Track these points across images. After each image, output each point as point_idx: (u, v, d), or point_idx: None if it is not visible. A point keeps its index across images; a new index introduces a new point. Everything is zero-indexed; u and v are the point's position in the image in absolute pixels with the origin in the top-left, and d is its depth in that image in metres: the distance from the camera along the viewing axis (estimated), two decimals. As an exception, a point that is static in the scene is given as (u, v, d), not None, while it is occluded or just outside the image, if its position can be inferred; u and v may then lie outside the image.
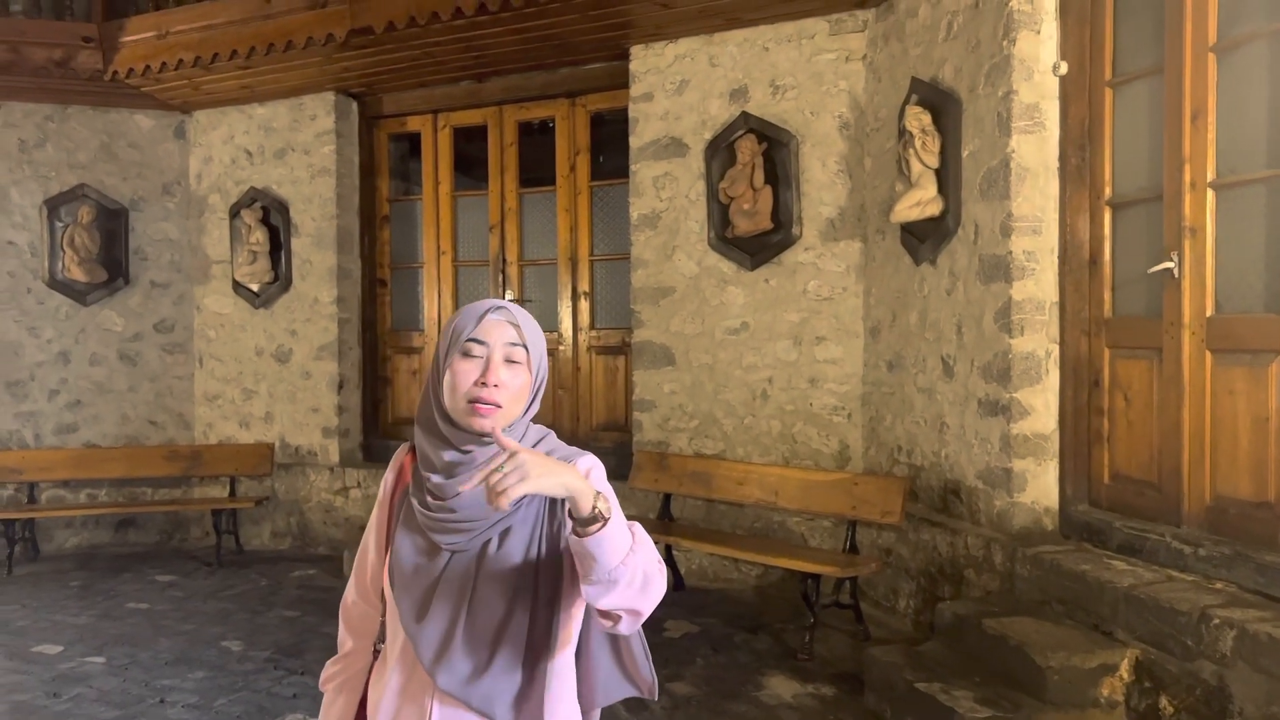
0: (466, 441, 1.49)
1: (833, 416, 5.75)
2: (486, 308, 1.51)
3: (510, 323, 1.50)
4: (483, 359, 1.48)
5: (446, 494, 1.47)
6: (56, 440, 7.50)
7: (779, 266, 5.84)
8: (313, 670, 4.52)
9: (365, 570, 1.70)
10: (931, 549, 4.75)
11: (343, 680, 1.73)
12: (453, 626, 1.46)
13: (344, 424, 7.32)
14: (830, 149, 5.71)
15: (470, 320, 1.50)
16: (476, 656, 1.46)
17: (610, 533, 1.32)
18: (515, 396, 1.49)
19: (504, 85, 6.97)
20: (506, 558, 1.48)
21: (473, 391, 1.46)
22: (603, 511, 1.32)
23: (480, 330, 1.49)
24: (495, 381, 1.46)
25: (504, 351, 1.48)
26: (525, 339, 1.51)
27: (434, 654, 1.46)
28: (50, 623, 5.43)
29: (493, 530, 1.48)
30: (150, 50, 6.63)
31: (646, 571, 1.38)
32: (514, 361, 1.49)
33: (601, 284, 6.93)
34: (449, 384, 1.49)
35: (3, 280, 7.39)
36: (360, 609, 1.72)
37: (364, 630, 1.72)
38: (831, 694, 4.15)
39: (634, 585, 1.36)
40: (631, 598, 1.37)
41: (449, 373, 1.49)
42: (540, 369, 1.54)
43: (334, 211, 7.24)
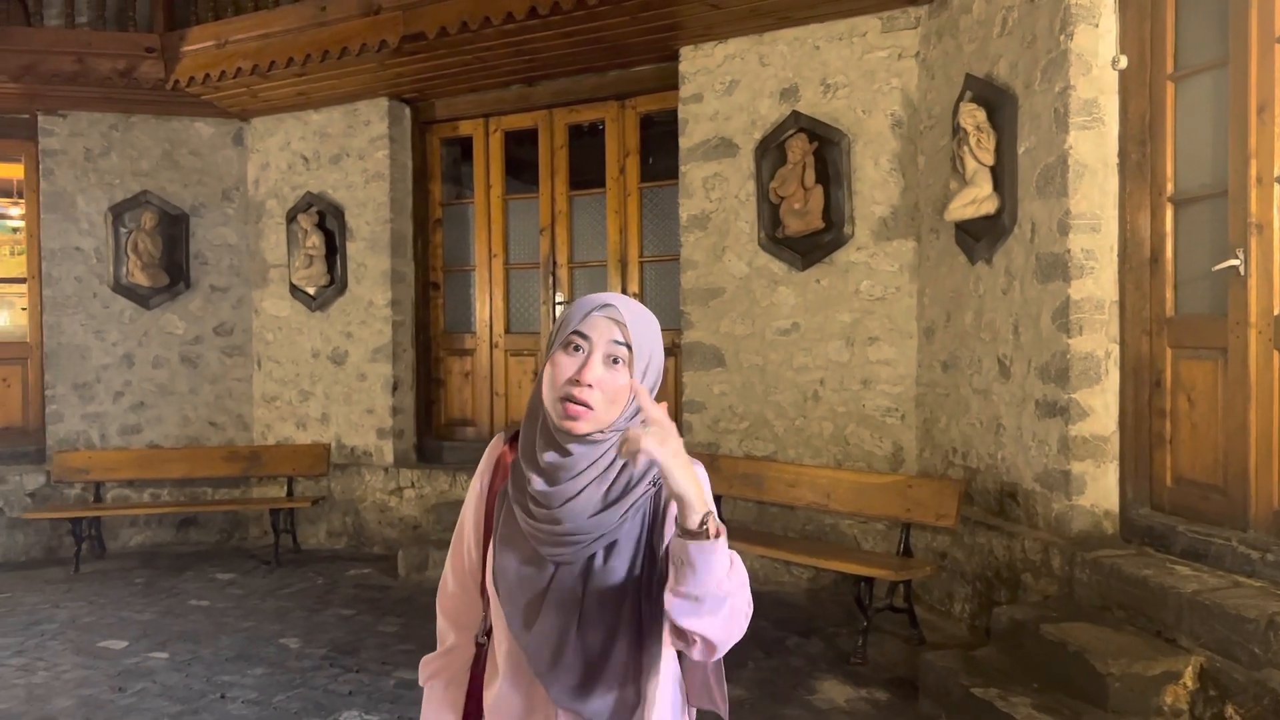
0: (568, 440, 1.42)
1: (886, 418, 5.69)
2: (598, 302, 1.45)
3: (616, 320, 1.43)
4: (583, 355, 1.42)
5: (550, 504, 1.41)
6: (121, 441, 7.70)
7: (830, 266, 5.79)
8: (368, 668, 4.59)
9: (463, 560, 1.65)
10: (987, 552, 4.67)
11: (449, 676, 1.69)
12: (563, 639, 1.42)
13: (398, 425, 7.42)
14: (883, 147, 5.65)
15: (578, 313, 1.45)
16: (588, 672, 1.42)
17: (714, 553, 1.27)
18: (611, 399, 1.41)
19: (554, 89, 7.01)
20: (613, 572, 1.43)
21: (566, 388, 1.40)
22: (710, 530, 1.27)
23: (585, 324, 1.43)
24: (590, 380, 1.40)
25: (605, 349, 1.41)
26: (630, 338, 1.42)
27: (546, 665, 1.43)
28: (116, 619, 5.57)
29: (598, 544, 1.42)
30: (210, 59, 6.78)
31: (735, 605, 1.33)
32: (615, 361, 1.42)
33: (651, 285, 6.94)
34: (548, 376, 1.44)
35: (70, 285, 7.60)
36: (460, 599, 1.67)
37: (465, 622, 1.67)
38: (885, 699, 4.10)
39: (719, 613, 1.31)
40: (713, 625, 1.32)
41: (549, 364, 1.44)
42: (651, 367, 1.46)
43: (388, 215, 7.34)
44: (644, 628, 1.44)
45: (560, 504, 1.40)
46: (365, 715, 3.99)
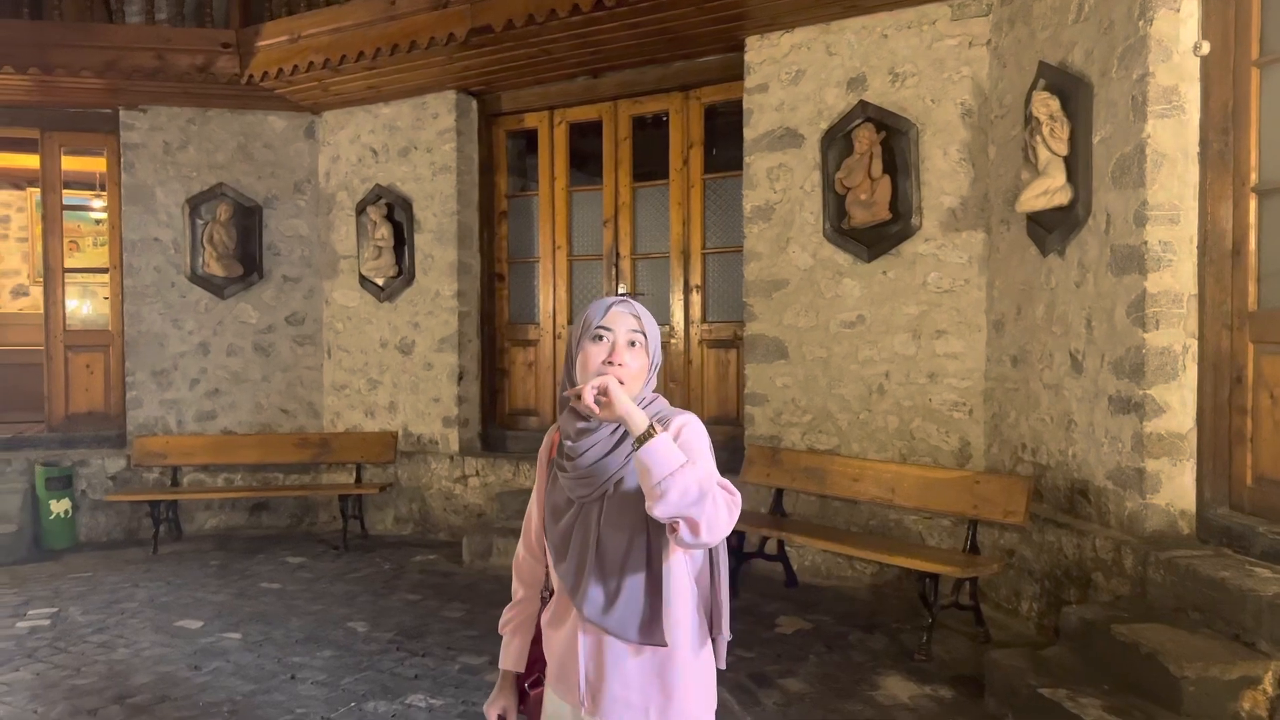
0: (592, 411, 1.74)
1: (953, 413, 5.60)
2: (613, 301, 1.83)
3: (632, 314, 1.81)
4: (609, 342, 1.78)
5: (575, 454, 1.77)
6: (197, 427, 7.93)
7: (897, 258, 5.71)
8: (433, 653, 4.67)
9: (530, 530, 2.05)
10: (1057, 551, 4.58)
11: (517, 624, 2.09)
12: (583, 562, 1.78)
13: (463, 414, 7.52)
14: (952, 137, 5.56)
15: (599, 311, 1.81)
16: (607, 587, 1.76)
17: (658, 446, 1.58)
18: (635, 375, 1.78)
19: (618, 80, 7.02)
20: (622, 501, 1.76)
21: (601, 368, 1.75)
22: (650, 431, 1.60)
23: (607, 319, 1.80)
24: (620, 360, 1.76)
25: (627, 336, 1.79)
26: (644, 328, 1.81)
27: (573, 586, 1.79)
28: (192, 599, 5.75)
29: (609, 482, 1.77)
30: (283, 54, 6.93)
31: (703, 488, 1.59)
32: (634, 345, 1.79)
33: (714, 277, 6.92)
34: (581, 363, 1.79)
35: (149, 275, 7.84)
36: (529, 563, 2.07)
37: (532, 580, 2.07)
38: (950, 696, 4.05)
39: (687, 496, 1.57)
40: (685, 507, 1.57)
41: (581, 354, 1.80)
42: (655, 353, 1.84)
43: (455, 208, 7.43)
44: (653, 549, 1.76)
45: (581, 454, 1.76)
46: (430, 699, 4.06)
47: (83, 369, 8.07)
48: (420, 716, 3.88)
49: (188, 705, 4.03)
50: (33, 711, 3.99)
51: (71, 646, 4.86)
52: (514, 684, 2.10)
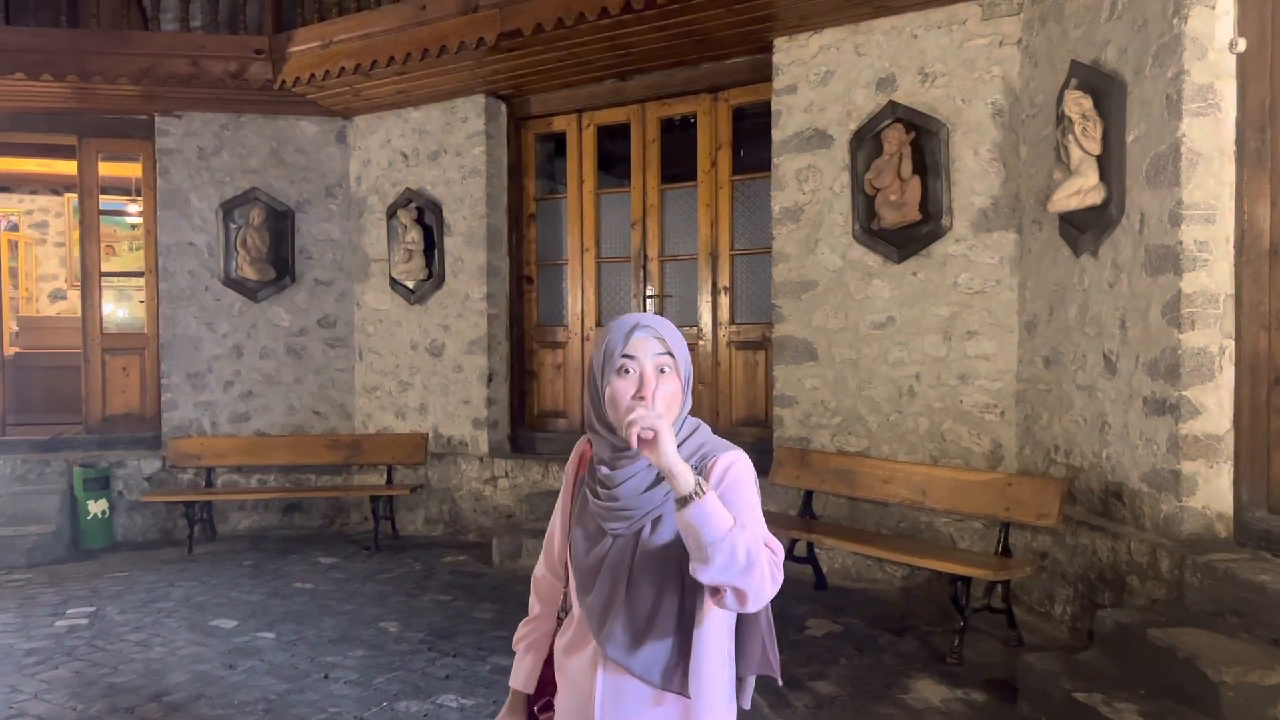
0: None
1: (984, 414, 5.56)
2: (631, 325, 1.66)
3: (654, 336, 1.65)
4: (636, 374, 1.63)
5: (612, 484, 1.65)
6: (231, 428, 8.03)
7: (928, 259, 5.68)
8: (464, 653, 4.70)
9: (552, 548, 1.92)
10: (1091, 554, 4.53)
11: (530, 641, 1.97)
12: (612, 601, 1.65)
13: (493, 416, 7.56)
14: (983, 137, 5.52)
15: (619, 340, 1.65)
16: (635, 628, 1.63)
17: (704, 509, 1.46)
18: (669, 402, 1.63)
19: (646, 83, 7.03)
20: (658, 542, 1.64)
21: (632, 405, 1.61)
22: (696, 492, 1.47)
23: (630, 347, 1.64)
24: (648, 394, 1.61)
25: (654, 363, 1.63)
26: (671, 348, 1.66)
27: (598, 624, 1.66)
28: (226, 599, 5.82)
29: (646, 518, 1.65)
30: (315, 59, 7.00)
31: (751, 555, 1.48)
32: (664, 370, 1.64)
33: (742, 279, 6.91)
34: (610, 400, 1.64)
35: (184, 279, 7.95)
36: (548, 581, 1.94)
37: (550, 598, 1.94)
38: (982, 700, 4.02)
39: (734, 564, 1.47)
40: (732, 575, 1.48)
41: (608, 391, 1.64)
42: (686, 371, 1.69)
43: (484, 211, 7.48)
44: (687, 594, 1.64)
45: (618, 485, 1.64)
46: (461, 699, 4.09)
47: (119, 371, 8.19)
48: (452, 716, 3.91)
49: (223, 704, 4.08)
50: (72, 709, 4.06)
51: (109, 645, 4.94)
52: (524, 705, 1.97)
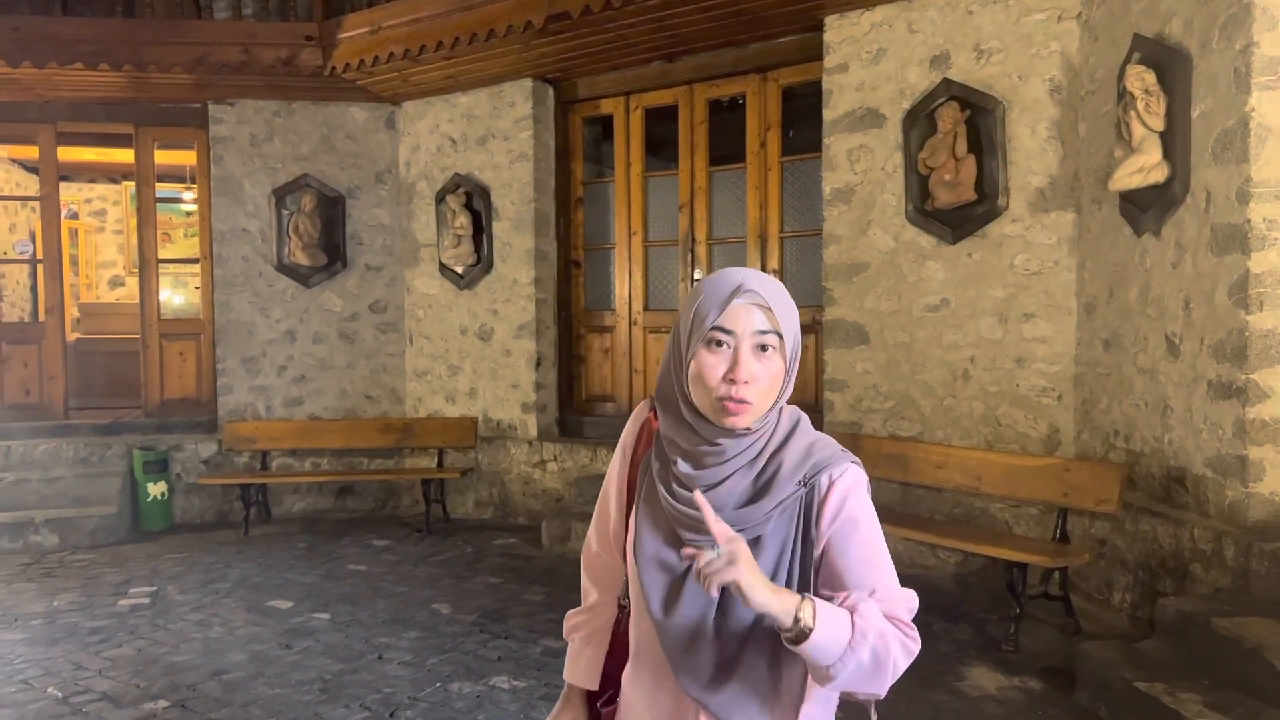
0: (715, 434, 1.37)
1: (1041, 398, 5.45)
2: (732, 289, 1.34)
3: (760, 306, 1.34)
4: (730, 350, 1.33)
5: (694, 484, 1.37)
6: (285, 412, 8.15)
7: (983, 239, 5.57)
8: (515, 635, 4.73)
9: (607, 522, 1.64)
10: (1152, 540, 4.43)
11: (589, 632, 1.70)
12: (699, 629, 1.36)
13: (541, 400, 7.58)
14: (1040, 114, 5.39)
15: (714, 305, 1.34)
16: (721, 663, 1.36)
17: (819, 641, 1.21)
18: (767, 390, 1.34)
19: (694, 64, 6.97)
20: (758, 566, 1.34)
21: (721, 388, 1.33)
22: (805, 626, 1.21)
23: (727, 318, 1.33)
24: (746, 379, 1.32)
25: (754, 340, 1.33)
26: (778, 324, 1.34)
27: (679, 651, 1.37)
28: (282, 580, 5.92)
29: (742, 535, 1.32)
30: (364, 45, 7.04)
31: (878, 655, 1.25)
32: (765, 349, 1.34)
33: (791, 261, 6.84)
34: (694, 375, 1.35)
35: (238, 265, 8.07)
36: (603, 560, 1.67)
37: (607, 582, 1.67)
38: (1039, 689, 3.95)
39: (861, 674, 1.25)
40: (858, 684, 1.27)
41: (694, 364, 1.35)
42: (794, 351, 1.38)
43: (532, 195, 7.48)
44: None
45: (705, 490, 1.35)
46: (513, 681, 4.12)
47: (176, 356, 8.35)
48: (504, 698, 3.93)
49: (280, 683, 4.15)
50: (135, 685, 4.15)
51: (170, 624, 5.05)
52: (583, 700, 1.71)
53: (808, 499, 1.37)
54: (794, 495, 1.36)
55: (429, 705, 3.87)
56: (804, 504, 1.37)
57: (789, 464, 1.37)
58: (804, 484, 1.37)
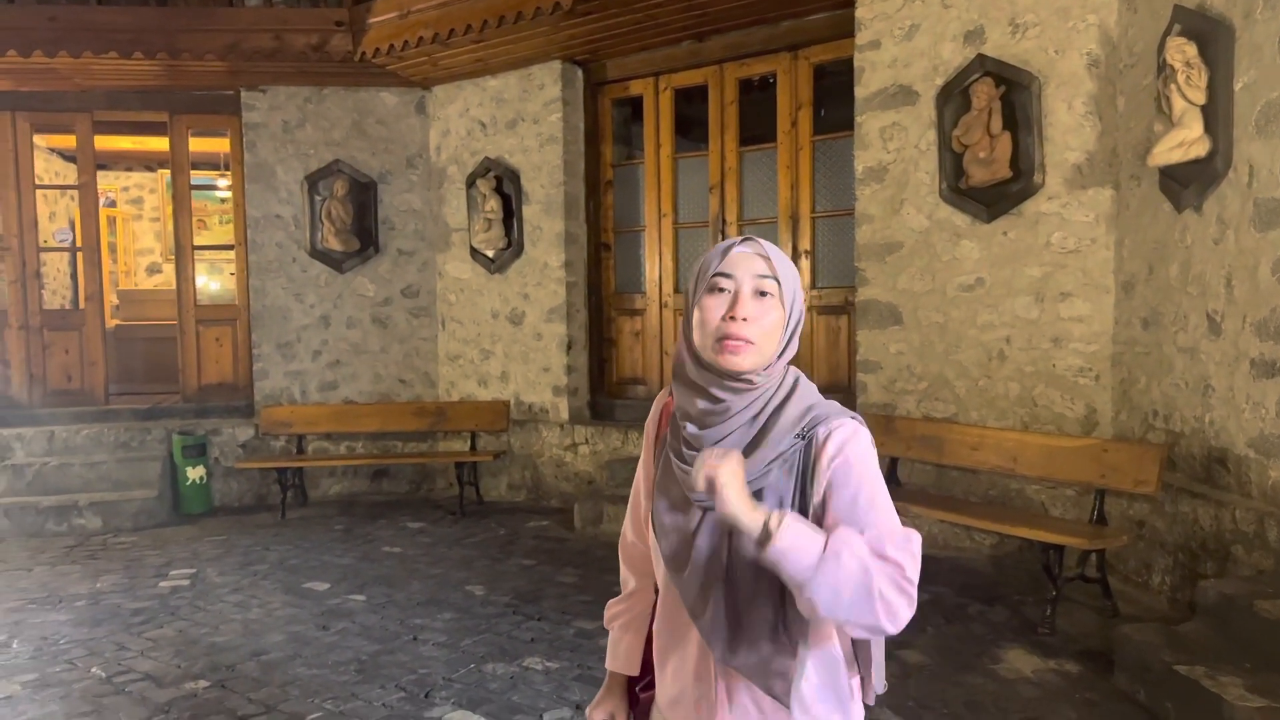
0: (718, 386, 1.40)
1: (1078, 378, 5.37)
2: (734, 241, 1.43)
3: (760, 255, 1.41)
4: (730, 292, 1.39)
5: (700, 445, 1.41)
6: (320, 396, 8.23)
7: (1019, 218, 5.49)
8: (548, 617, 4.75)
9: (639, 509, 1.69)
10: (1192, 522, 4.36)
11: (628, 619, 1.74)
12: (710, 584, 1.41)
13: (572, 383, 7.60)
14: (1077, 89, 5.28)
15: (717, 255, 1.43)
16: (735, 618, 1.40)
17: (783, 548, 1.24)
18: (767, 333, 1.39)
19: (724, 43, 6.91)
20: None
21: (722, 327, 1.38)
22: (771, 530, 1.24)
23: (727, 263, 1.40)
24: (744, 315, 1.37)
25: (753, 284, 1.39)
26: (776, 271, 1.40)
27: (696, 608, 1.43)
28: (319, 562, 5.99)
29: None
30: (393, 30, 7.05)
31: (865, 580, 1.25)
32: (765, 294, 1.39)
33: (823, 242, 6.78)
34: (698, 320, 1.41)
35: (272, 251, 8.14)
36: (638, 548, 1.71)
37: (643, 569, 1.70)
38: (1077, 671, 3.91)
39: (841, 598, 1.24)
40: (843, 610, 1.26)
41: (697, 309, 1.42)
42: (795, 305, 1.42)
43: (561, 178, 7.47)
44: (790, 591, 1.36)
45: (710, 444, 1.39)
46: (546, 662, 4.14)
47: (213, 342, 8.45)
48: (537, 679, 3.96)
49: (318, 663, 4.21)
50: (176, 666, 4.22)
51: (209, 605, 5.13)
52: (623, 686, 1.76)
53: (805, 451, 1.40)
54: (793, 448, 1.40)
55: (463, 686, 3.90)
56: (801, 455, 1.40)
57: (788, 419, 1.41)
58: (802, 436, 1.40)
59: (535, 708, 3.67)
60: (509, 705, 3.70)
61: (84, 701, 3.84)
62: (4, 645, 4.54)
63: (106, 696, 3.89)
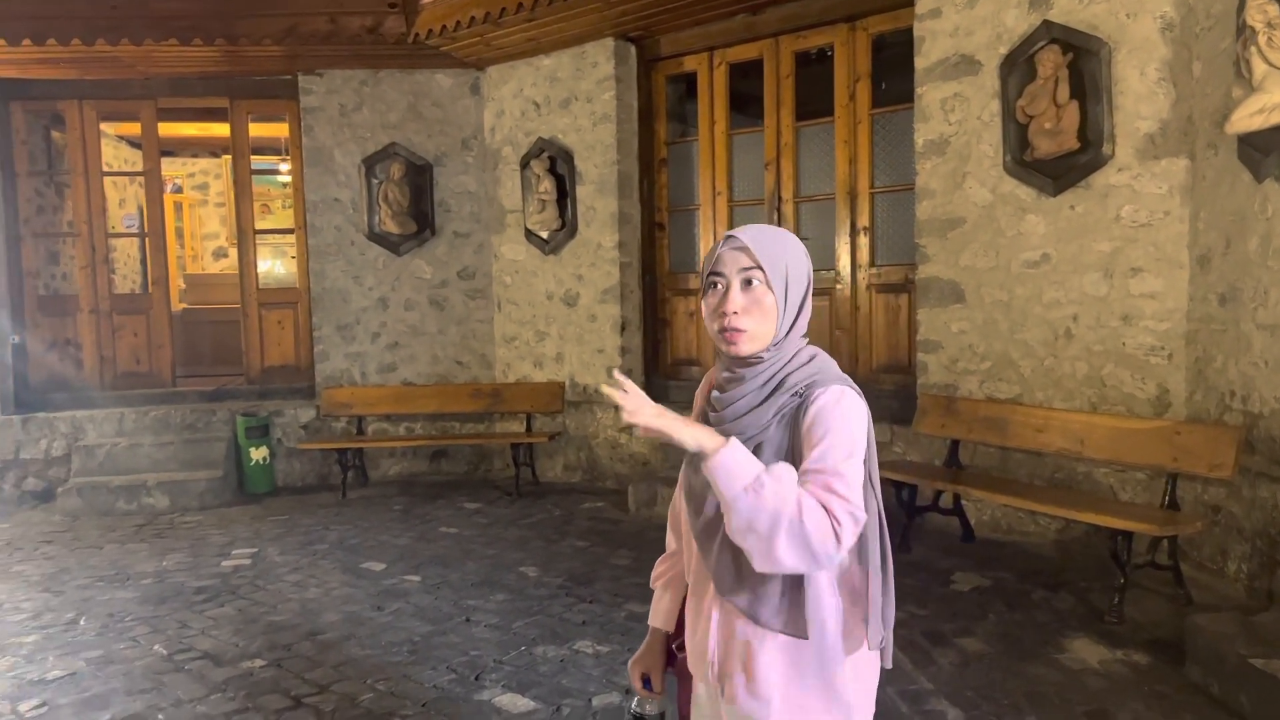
0: (735, 364, 1.62)
1: (1150, 357, 5.16)
2: (722, 241, 1.61)
3: (739, 249, 1.57)
4: (722, 289, 1.58)
5: (722, 405, 1.62)
6: (379, 378, 8.31)
7: (1087, 190, 5.27)
8: (601, 599, 4.73)
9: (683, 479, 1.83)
10: (1271, 508, 4.16)
11: (669, 578, 1.92)
12: (716, 522, 1.58)
13: (627, 364, 7.55)
14: (1150, 55, 5.04)
15: (710, 256, 1.62)
16: (739, 559, 1.54)
17: (716, 465, 1.41)
18: (761, 316, 1.57)
19: (780, 15, 6.75)
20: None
21: (719, 322, 1.58)
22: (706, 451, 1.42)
23: (718, 262, 1.59)
24: (733, 308, 1.56)
25: (740, 277, 1.57)
26: (758, 259, 1.56)
27: (708, 555, 1.62)
28: (377, 542, 6.05)
29: (750, 442, 1.55)
30: (445, 10, 7.03)
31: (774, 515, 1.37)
32: (751, 284, 1.56)
33: (882, 218, 6.61)
34: (705, 315, 1.63)
35: (331, 234, 8.22)
36: (677, 512, 1.88)
37: (681, 531, 1.85)
38: (1145, 662, 3.76)
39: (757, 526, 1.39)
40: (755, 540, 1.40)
41: (703, 305, 1.63)
42: (788, 282, 1.58)
43: (615, 157, 7.40)
44: None
45: (725, 407, 1.61)
46: (597, 645, 4.11)
47: (275, 325, 8.58)
48: (587, 662, 3.93)
49: (371, 644, 4.24)
50: (234, 645, 4.29)
51: (269, 585, 5.21)
52: (663, 642, 1.91)
53: (797, 409, 1.56)
54: (789, 405, 1.57)
55: (514, 669, 3.89)
56: (793, 412, 1.57)
57: (792, 382, 1.58)
58: (797, 395, 1.56)
59: (585, 691, 3.65)
60: (558, 689, 3.68)
61: (145, 679, 3.92)
62: (72, 622, 4.67)
63: (166, 674, 3.97)
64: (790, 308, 1.59)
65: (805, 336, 1.65)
